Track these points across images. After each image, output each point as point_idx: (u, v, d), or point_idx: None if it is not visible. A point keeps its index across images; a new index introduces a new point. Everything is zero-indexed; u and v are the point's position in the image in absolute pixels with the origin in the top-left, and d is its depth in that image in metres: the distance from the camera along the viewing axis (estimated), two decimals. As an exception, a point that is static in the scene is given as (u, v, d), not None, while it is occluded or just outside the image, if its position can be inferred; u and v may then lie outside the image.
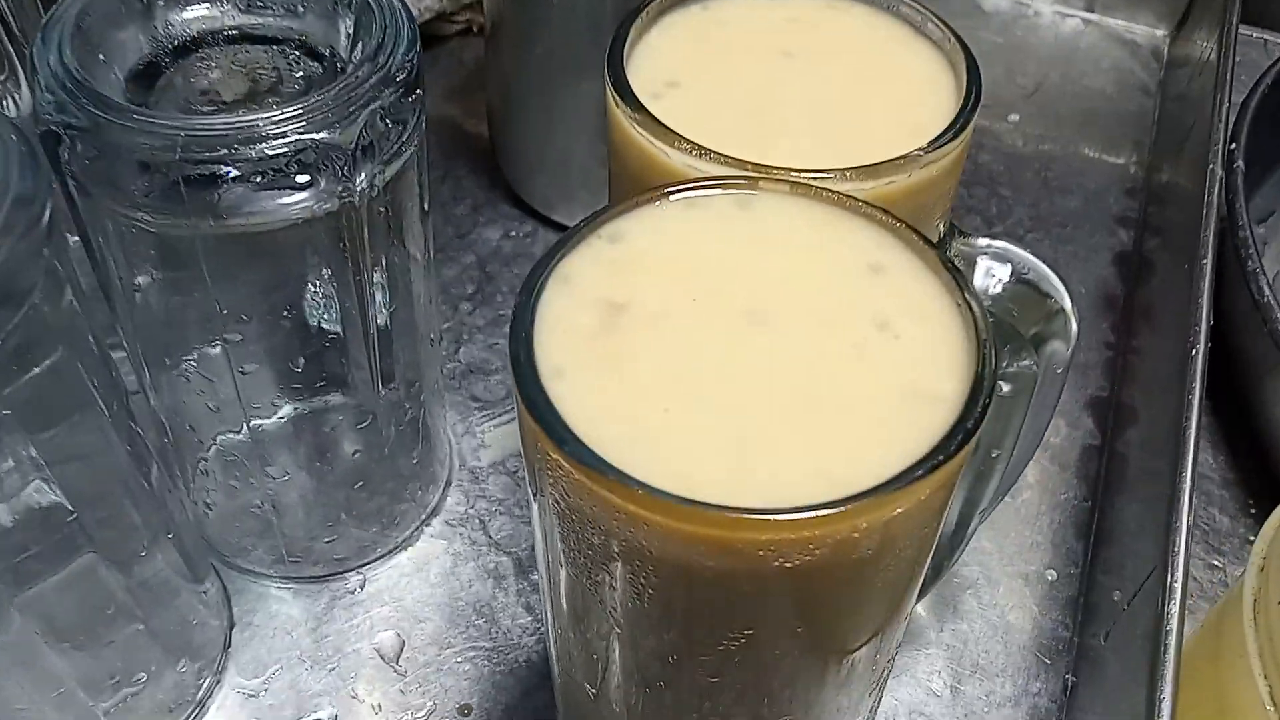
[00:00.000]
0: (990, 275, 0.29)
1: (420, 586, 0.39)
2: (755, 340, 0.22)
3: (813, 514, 0.19)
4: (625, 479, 0.19)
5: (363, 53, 0.28)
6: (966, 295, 0.22)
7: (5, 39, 0.30)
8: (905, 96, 0.29)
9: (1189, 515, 0.33)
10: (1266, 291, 0.41)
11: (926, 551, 0.23)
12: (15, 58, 0.31)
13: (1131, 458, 0.42)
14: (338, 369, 0.38)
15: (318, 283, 0.35)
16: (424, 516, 0.40)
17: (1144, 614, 0.33)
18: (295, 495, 0.39)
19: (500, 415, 0.44)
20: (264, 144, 0.25)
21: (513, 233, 0.50)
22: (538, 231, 0.50)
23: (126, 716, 0.34)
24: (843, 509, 0.19)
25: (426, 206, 0.33)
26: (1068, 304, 0.29)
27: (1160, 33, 0.63)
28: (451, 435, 0.43)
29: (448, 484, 0.42)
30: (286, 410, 0.38)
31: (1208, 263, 0.42)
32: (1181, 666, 0.30)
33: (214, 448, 0.38)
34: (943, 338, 0.22)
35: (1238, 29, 0.52)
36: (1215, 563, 0.41)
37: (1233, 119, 0.48)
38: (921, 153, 0.26)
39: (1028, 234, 0.52)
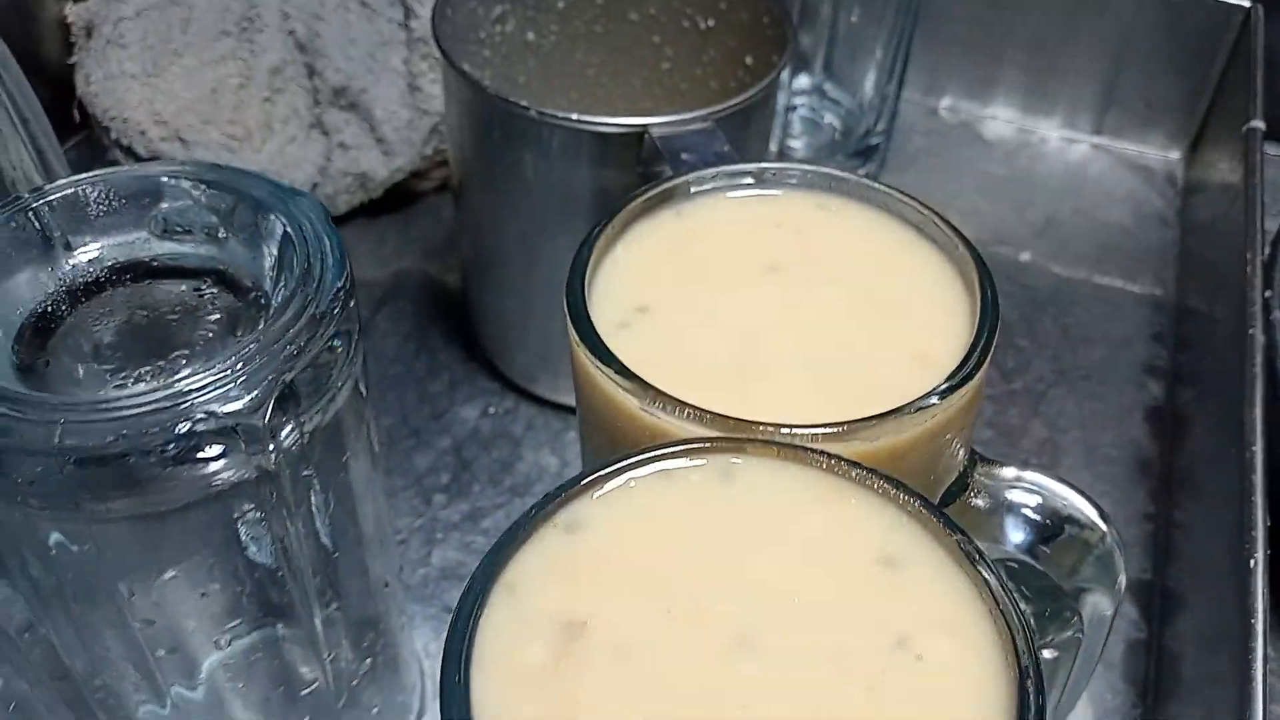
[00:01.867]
0: (1020, 516, 0.25)
1: (386, 847, 0.34)
2: (745, 675, 0.18)
3: None
4: None
5: (286, 288, 0.24)
6: (999, 602, 0.18)
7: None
8: (910, 317, 0.25)
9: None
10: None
11: None
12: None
13: (1185, 654, 0.38)
14: (278, 600, 0.34)
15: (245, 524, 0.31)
16: (393, 758, 0.36)
17: None
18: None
19: (478, 627, 0.39)
20: (163, 427, 0.21)
21: (491, 409, 0.46)
22: (519, 407, 0.46)
23: None
24: None
25: (374, 445, 0.29)
26: (1111, 542, 0.25)
27: (1174, 155, 0.60)
28: (423, 656, 0.38)
29: (421, 714, 0.37)
30: (221, 655, 0.34)
31: (1257, 416, 0.38)
32: None
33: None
34: (974, 657, 0.18)
35: (1263, 150, 0.49)
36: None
37: (1265, 252, 0.44)
38: (935, 399, 0.22)
39: (1050, 389, 0.48)
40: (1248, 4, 0.54)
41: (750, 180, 0.27)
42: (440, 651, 0.38)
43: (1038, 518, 0.25)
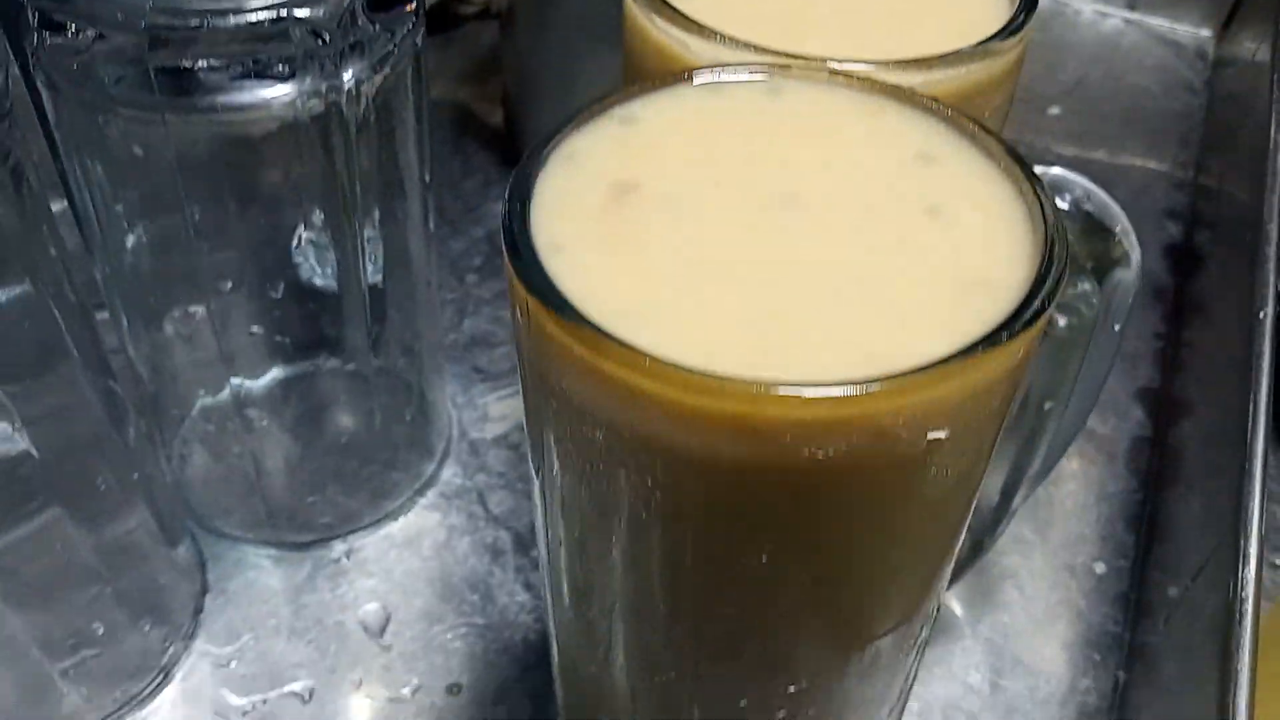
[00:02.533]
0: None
1: (411, 559, 0.36)
2: (786, 223, 0.19)
3: (853, 390, 0.16)
4: (629, 349, 0.16)
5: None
6: (1031, 182, 0.20)
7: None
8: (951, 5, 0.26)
9: (1262, 490, 0.30)
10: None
11: (976, 475, 0.20)
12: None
13: (1187, 451, 0.39)
14: (330, 330, 0.36)
15: (308, 228, 0.33)
16: (418, 487, 0.38)
17: (1208, 602, 0.30)
18: (280, 460, 0.36)
19: (504, 389, 0.41)
20: (239, 15, 0.22)
21: (526, 206, 0.48)
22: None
23: (84, 679, 0.31)
24: (888, 386, 0.16)
25: (426, 156, 0.30)
26: (1131, 236, 0.26)
27: (1205, 33, 0.60)
28: (451, 407, 0.40)
29: (445, 455, 0.39)
30: (275, 373, 0.36)
31: (1271, 250, 0.39)
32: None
33: (198, 407, 0.36)
34: (1003, 225, 0.19)
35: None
36: (1278, 562, 0.37)
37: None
38: (975, 47, 0.23)
39: (1069, 223, 0.49)
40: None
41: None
42: (468, 403, 0.40)
43: (1065, 207, 0.26)
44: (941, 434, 0.17)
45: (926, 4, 0.26)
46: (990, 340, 0.17)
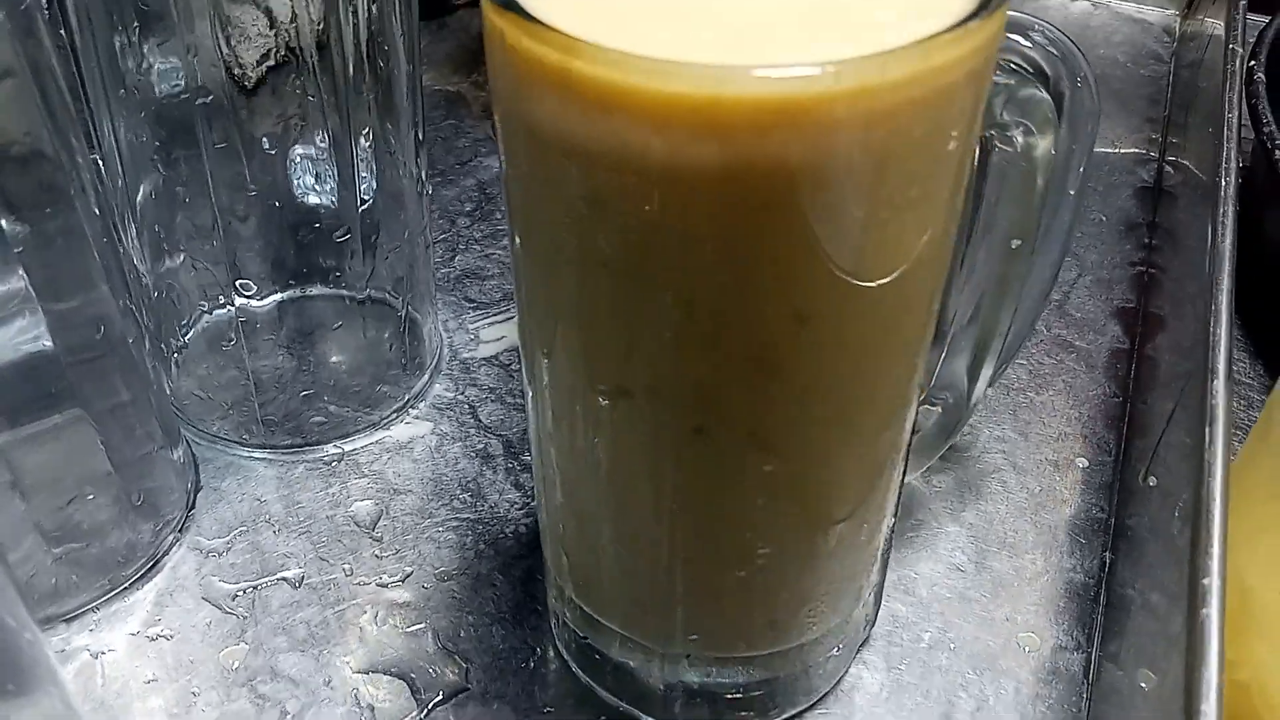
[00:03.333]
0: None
1: (402, 462, 0.36)
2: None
3: (817, 70, 0.17)
4: (600, 47, 0.17)
5: None
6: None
7: None
8: None
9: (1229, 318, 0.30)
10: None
11: (946, 175, 0.20)
12: None
13: (1162, 361, 0.40)
14: (326, 258, 0.37)
15: (307, 143, 0.34)
16: (408, 399, 0.38)
17: (1181, 476, 0.31)
18: (274, 373, 0.37)
19: (496, 316, 0.42)
20: None
21: (515, 160, 0.49)
22: (540, 161, 0.49)
23: (75, 566, 0.31)
24: (851, 67, 0.17)
25: (416, 81, 0.32)
26: (1092, 83, 0.27)
27: (1171, 12, 0.63)
28: (443, 331, 0.41)
29: (435, 372, 0.39)
30: (273, 296, 0.37)
31: (1230, 189, 0.40)
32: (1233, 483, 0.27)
33: (201, 321, 0.37)
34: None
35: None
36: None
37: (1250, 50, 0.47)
38: None
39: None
40: None
41: None
42: (459, 328, 0.41)
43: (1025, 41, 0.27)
44: (900, 133, 0.18)
45: None
46: (949, 31, 0.18)
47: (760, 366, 0.22)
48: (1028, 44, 0.27)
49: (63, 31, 0.30)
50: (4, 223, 0.26)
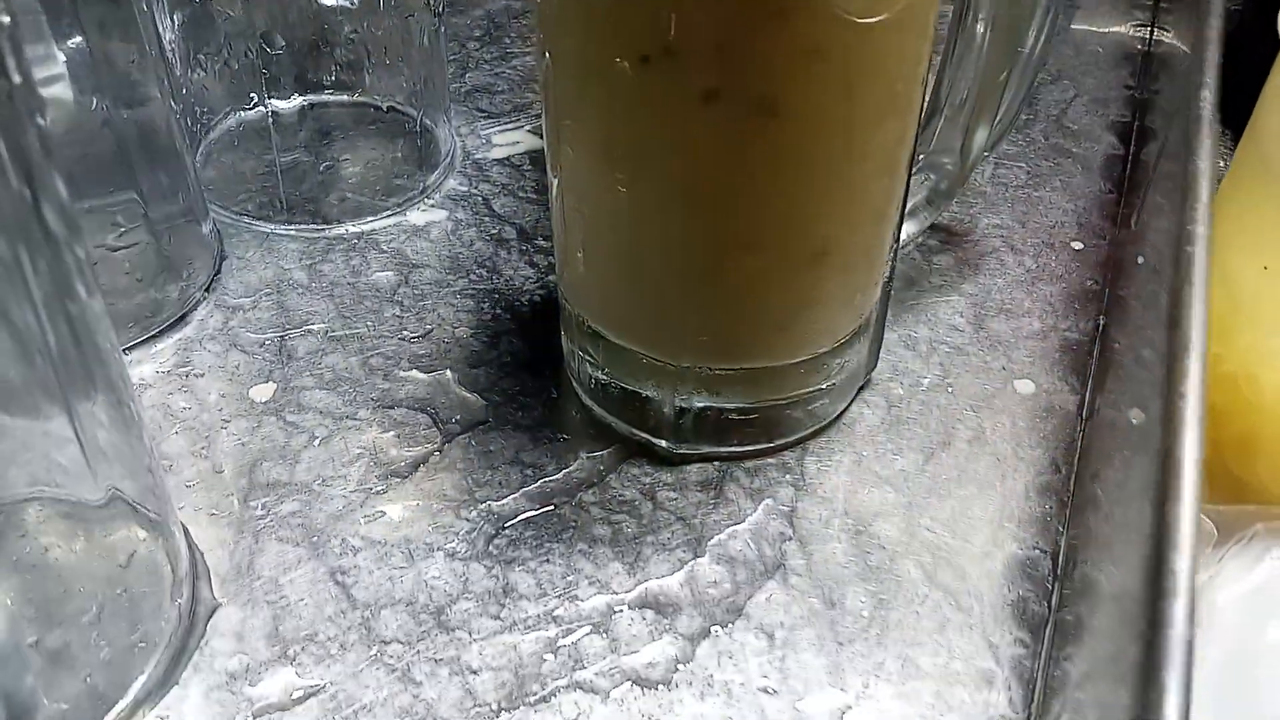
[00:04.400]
0: None
1: (419, 242, 0.37)
2: None
3: None
4: None
5: None
6: None
7: None
8: None
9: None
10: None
11: None
12: None
13: (1155, 164, 0.41)
14: (347, 63, 0.38)
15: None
16: (423, 190, 0.39)
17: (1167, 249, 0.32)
18: (297, 164, 0.38)
19: (506, 124, 0.43)
20: None
21: (523, -3, 0.50)
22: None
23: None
24: None
25: None
26: None
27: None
28: (456, 136, 0.42)
29: (449, 169, 0.40)
30: (295, 99, 0.38)
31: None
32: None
33: (228, 120, 0.38)
34: None
35: None
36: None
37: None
38: None
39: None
40: None
41: None
42: (471, 134, 0.42)
43: None
44: None
45: None
46: None
47: (768, 22, 0.23)
48: None
49: None
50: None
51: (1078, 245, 0.38)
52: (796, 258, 0.27)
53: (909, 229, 0.34)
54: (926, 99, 0.32)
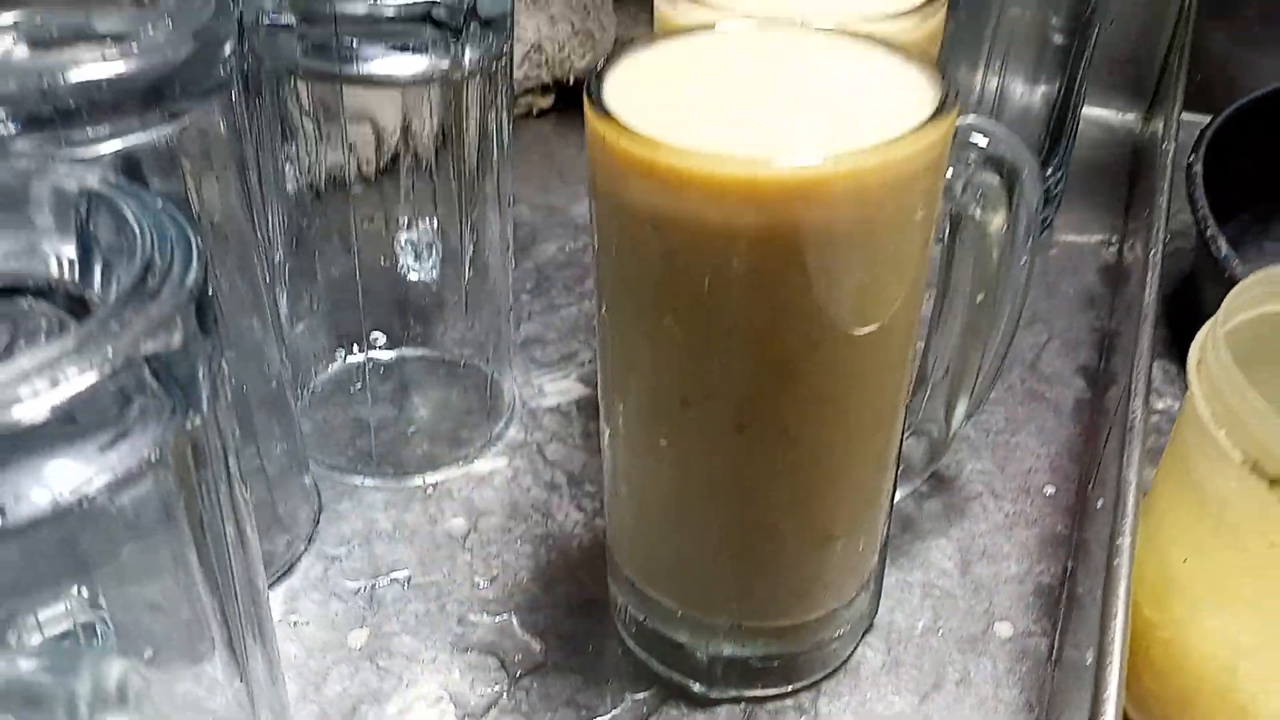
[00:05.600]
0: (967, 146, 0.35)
1: (485, 490, 0.44)
2: (776, 89, 0.29)
3: (817, 160, 0.25)
4: (674, 146, 0.26)
5: None
6: (941, 72, 0.29)
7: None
8: None
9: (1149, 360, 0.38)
10: (1223, 248, 0.48)
11: (908, 244, 0.28)
12: None
13: (1116, 407, 0.47)
14: (428, 326, 0.46)
15: (413, 229, 0.43)
16: (488, 440, 0.46)
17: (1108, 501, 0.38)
18: (385, 416, 0.45)
19: (556, 373, 0.50)
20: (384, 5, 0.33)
21: (566, 247, 0.58)
22: (585, 246, 0.58)
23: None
24: (842, 158, 0.25)
25: (508, 170, 0.41)
26: (1036, 170, 0.36)
27: (1132, 116, 0.72)
28: (515, 385, 0.49)
29: (510, 419, 0.47)
30: (387, 354, 0.46)
31: (1162, 214, 0.48)
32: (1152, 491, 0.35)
33: (327, 372, 0.45)
34: (918, 90, 0.29)
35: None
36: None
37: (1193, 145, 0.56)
38: (908, 12, 0.33)
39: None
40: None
41: None
42: (526, 383, 0.48)
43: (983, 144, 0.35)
44: (878, 204, 0.26)
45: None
46: (913, 130, 0.26)
47: (787, 378, 0.29)
48: (985, 139, 0.35)
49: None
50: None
51: (1049, 490, 0.45)
52: (810, 540, 0.33)
53: (901, 491, 0.40)
54: (913, 379, 0.39)
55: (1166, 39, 0.69)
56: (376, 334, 0.45)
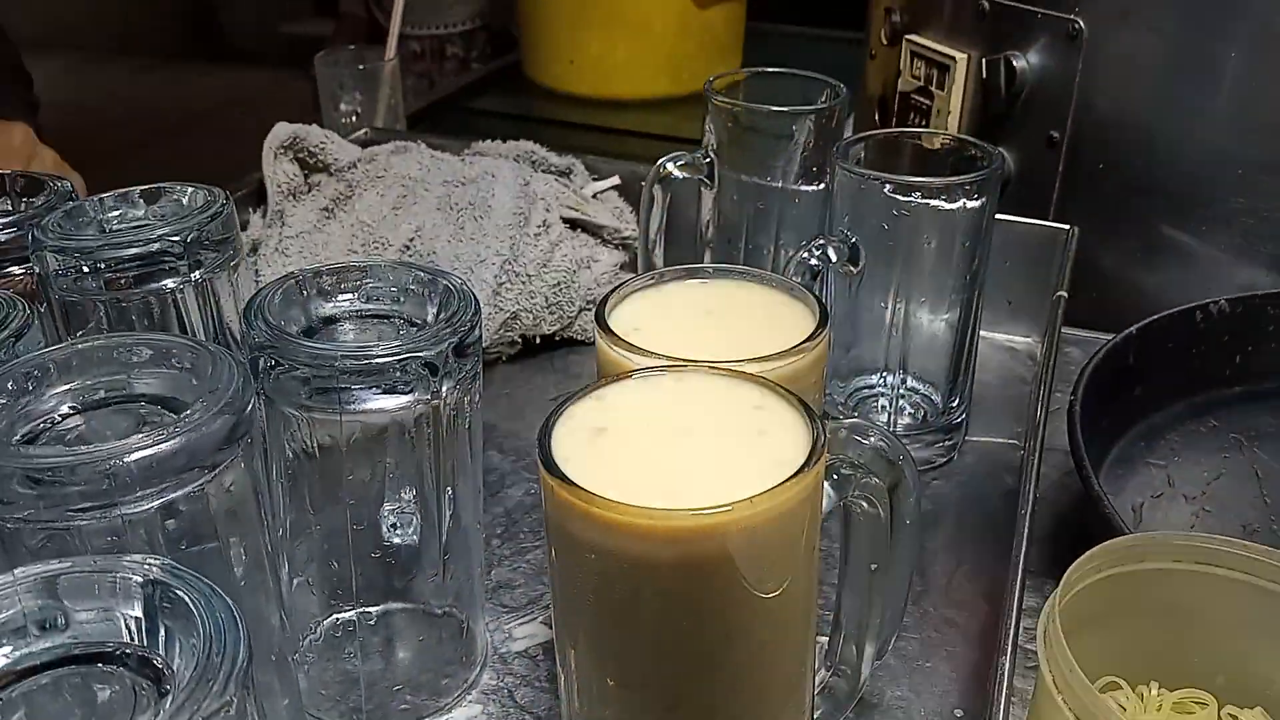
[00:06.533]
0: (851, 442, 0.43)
1: (462, 736, 0.50)
2: (685, 443, 0.37)
3: (712, 511, 0.32)
4: (607, 500, 0.33)
5: (441, 318, 0.44)
6: (814, 418, 0.37)
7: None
8: (780, 325, 0.45)
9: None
10: (1096, 484, 0.55)
11: (797, 557, 0.36)
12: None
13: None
14: (408, 582, 0.52)
15: (394, 501, 0.50)
16: (464, 688, 0.52)
17: None
18: (369, 670, 0.51)
19: (524, 617, 0.56)
20: (381, 359, 0.41)
21: (533, 490, 0.65)
22: (551, 491, 0.65)
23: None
24: (731, 508, 0.33)
25: (478, 450, 0.48)
26: (910, 463, 0.43)
27: (1033, 340, 0.81)
28: (487, 629, 0.55)
29: (483, 665, 0.53)
30: (371, 609, 0.52)
31: (1035, 454, 0.56)
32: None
33: (316, 631, 0.51)
34: (797, 433, 0.37)
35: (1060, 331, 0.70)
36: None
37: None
38: (787, 350, 0.42)
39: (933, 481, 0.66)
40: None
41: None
42: (497, 629, 0.55)
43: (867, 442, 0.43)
44: (768, 533, 0.33)
45: (766, 323, 0.45)
46: (789, 479, 0.33)
47: (706, 666, 0.36)
48: (867, 442, 0.42)
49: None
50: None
51: (959, 713, 0.51)
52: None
53: (827, 727, 0.46)
54: (826, 633, 0.46)
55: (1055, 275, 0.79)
56: (368, 587, 0.51)
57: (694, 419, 0.38)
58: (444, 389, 0.43)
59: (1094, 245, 0.80)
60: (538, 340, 0.77)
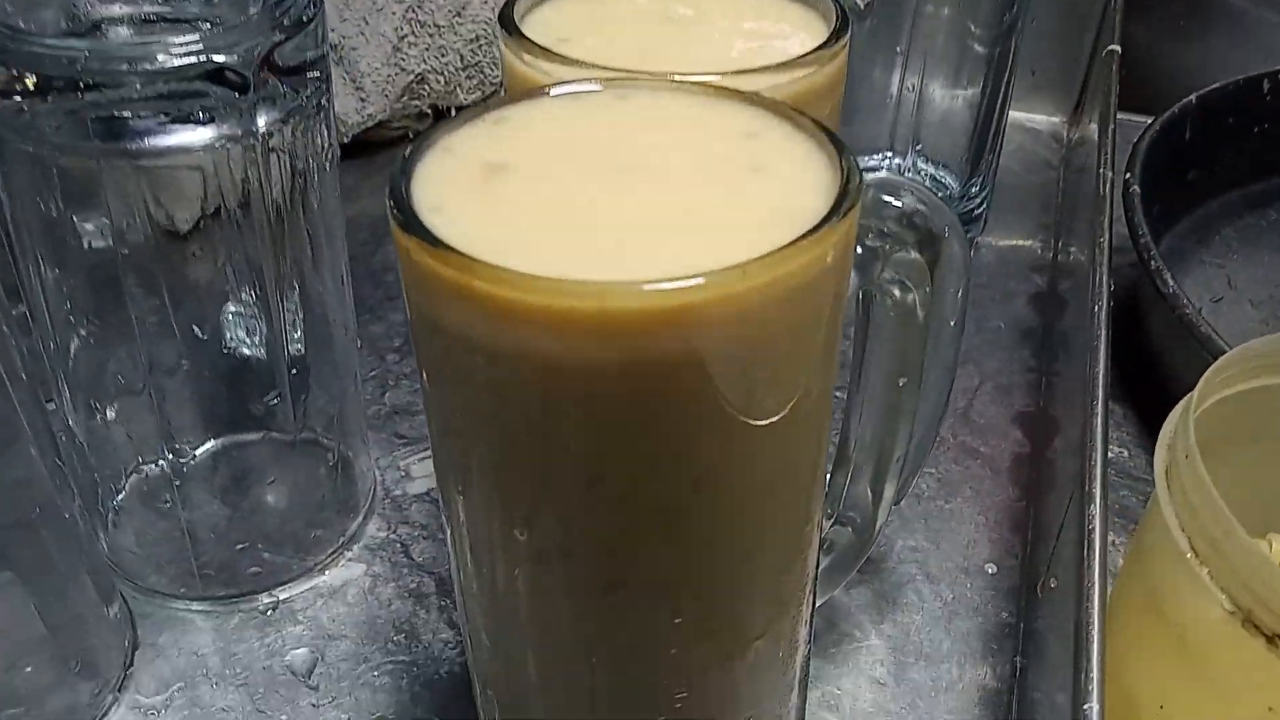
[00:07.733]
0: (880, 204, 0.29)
1: (336, 607, 0.37)
2: (631, 184, 0.23)
3: (694, 281, 0.19)
4: (493, 267, 0.19)
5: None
6: (834, 143, 0.23)
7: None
8: (779, 37, 0.30)
9: (1103, 449, 0.33)
10: (1170, 283, 0.42)
11: (810, 363, 0.23)
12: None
13: (1059, 462, 0.42)
14: (257, 403, 0.38)
15: (236, 301, 0.36)
16: (343, 542, 0.39)
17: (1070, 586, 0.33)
18: (210, 523, 0.38)
19: (425, 451, 0.43)
20: (162, 60, 0.26)
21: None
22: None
23: (12, 732, 0.32)
24: (703, 282, 0.19)
25: (340, 226, 0.34)
26: (958, 228, 0.30)
27: (1058, 119, 0.67)
28: (376, 469, 0.42)
29: (369, 513, 0.40)
30: (207, 444, 0.38)
31: (1104, 252, 0.43)
32: (1113, 593, 0.29)
33: (134, 477, 0.38)
34: (813, 172, 0.23)
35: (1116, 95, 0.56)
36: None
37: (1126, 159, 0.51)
38: (795, 59, 0.27)
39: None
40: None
41: None
42: (390, 465, 0.42)
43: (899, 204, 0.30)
44: (767, 324, 0.20)
45: (755, 36, 0.31)
46: (804, 236, 0.20)
47: (665, 527, 0.23)
48: (898, 205, 0.29)
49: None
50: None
51: (991, 568, 0.39)
52: (711, 701, 0.27)
53: (824, 593, 0.34)
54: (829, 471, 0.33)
55: (1091, 38, 0.64)
56: (194, 425, 0.38)
57: (648, 152, 0.24)
58: (261, 120, 0.28)
59: (1127, 15, 0.65)
60: (452, 113, 0.62)
